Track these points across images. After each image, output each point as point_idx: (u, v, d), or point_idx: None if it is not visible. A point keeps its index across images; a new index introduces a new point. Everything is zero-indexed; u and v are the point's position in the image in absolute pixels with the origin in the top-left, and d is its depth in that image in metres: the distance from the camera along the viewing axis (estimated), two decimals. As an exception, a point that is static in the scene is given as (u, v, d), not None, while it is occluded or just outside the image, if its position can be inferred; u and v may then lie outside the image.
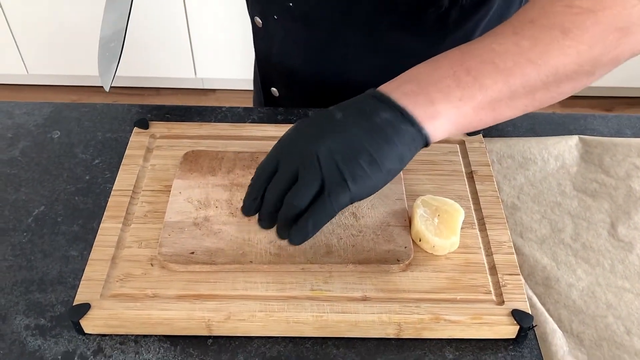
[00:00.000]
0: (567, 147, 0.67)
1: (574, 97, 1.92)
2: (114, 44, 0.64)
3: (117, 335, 0.49)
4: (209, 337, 0.49)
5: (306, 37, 0.70)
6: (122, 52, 0.64)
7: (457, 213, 0.55)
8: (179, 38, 1.85)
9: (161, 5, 1.78)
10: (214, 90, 2.05)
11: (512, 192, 0.62)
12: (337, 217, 0.55)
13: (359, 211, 0.56)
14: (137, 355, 0.48)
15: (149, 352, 0.48)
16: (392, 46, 0.68)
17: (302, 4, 0.67)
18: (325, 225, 0.55)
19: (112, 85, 0.64)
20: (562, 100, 0.78)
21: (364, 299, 0.50)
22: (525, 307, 0.49)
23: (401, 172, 0.60)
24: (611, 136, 0.69)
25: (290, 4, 0.67)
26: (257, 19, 0.72)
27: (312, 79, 0.74)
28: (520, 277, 0.52)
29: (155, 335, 0.49)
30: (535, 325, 0.50)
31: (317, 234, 0.54)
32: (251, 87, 0.91)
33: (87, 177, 0.62)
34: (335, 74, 0.73)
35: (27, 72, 1.98)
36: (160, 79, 2.01)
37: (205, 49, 1.89)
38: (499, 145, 0.67)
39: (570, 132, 0.70)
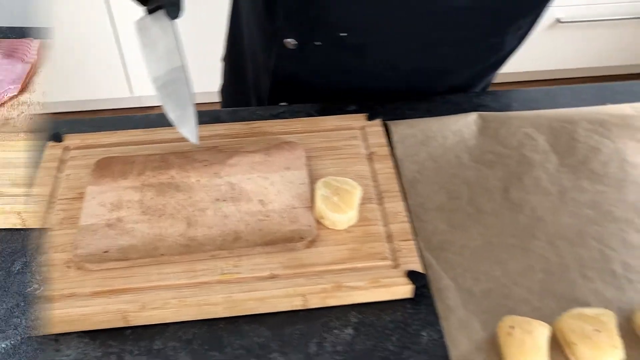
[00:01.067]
0: (466, 123, 0.72)
1: (514, 82, 2.01)
2: (175, 86, 0.58)
3: (36, 336, 0.52)
4: (127, 328, 0.52)
5: (351, 62, 0.71)
6: (192, 93, 0.57)
7: (355, 190, 0.59)
8: (110, 57, 1.86)
9: (88, 24, 1.79)
10: (152, 107, 2.06)
11: (413, 168, 0.67)
12: (245, 205, 0.59)
13: (266, 198, 0.60)
14: (57, 353, 0.50)
15: (69, 348, 0.51)
16: (438, 67, 0.73)
17: (357, 36, 0.67)
18: (234, 214, 0.58)
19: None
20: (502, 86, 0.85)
21: (272, 277, 0.54)
22: (418, 267, 0.54)
23: (305, 159, 0.64)
24: (502, 111, 0.75)
25: (345, 34, 0.67)
26: (291, 41, 0.71)
27: (340, 94, 0.75)
28: (413, 242, 0.56)
29: (75, 332, 0.52)
30: (427, 284, 0.54)
31: (226, 222, 0.57)
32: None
33: (5, 193, 0.64)
34: (370, 90, 0.74)
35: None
36: (96, 101, 2.01)
37: (139, 65, 1.90)
38: (402, 127, 0.72)
39: (464, 111, 0.75)
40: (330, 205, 0.57)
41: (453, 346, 0.51)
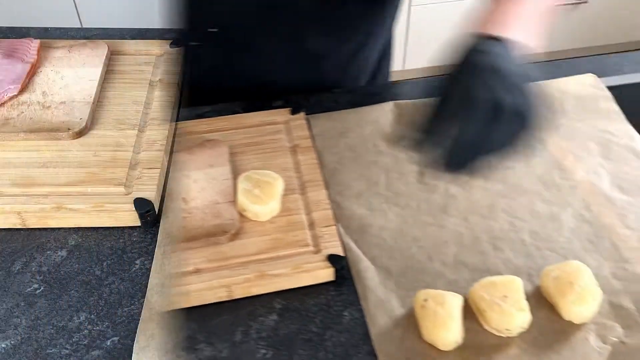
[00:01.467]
0: (382, 112, 0.75)
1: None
2: None
3: None
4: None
5: (230, 59, 0.74)
6: None
7: (276, 182, 0.61)
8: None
9: None
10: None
11: (333, 158, 0.69)
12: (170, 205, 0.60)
13: (188, 195, 0.61)
14: None
15: None
16: (311, 51, 0.75)
17: (226, 29, 0.70)
18: (157, 213, 0.59)
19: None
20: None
21: (196, 271, 0.55)
22: (338, 251, 0.56)
23: (228, 155, 0.65)
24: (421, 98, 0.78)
25: (215, 30, 0.70)
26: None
27: (233, 91, 0.76)
28: (334, 227, 0.59)
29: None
30: (347, 266, 0.57)
31: (150, 222, 0.58)
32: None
33: None
34: (255, 82, 0.77)
35: None
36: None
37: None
38: (322, 120, 0.74)
39: (385, 101, 0.77)
40: (252, 198, 0.59)
41: (372, 324, 0.53)
